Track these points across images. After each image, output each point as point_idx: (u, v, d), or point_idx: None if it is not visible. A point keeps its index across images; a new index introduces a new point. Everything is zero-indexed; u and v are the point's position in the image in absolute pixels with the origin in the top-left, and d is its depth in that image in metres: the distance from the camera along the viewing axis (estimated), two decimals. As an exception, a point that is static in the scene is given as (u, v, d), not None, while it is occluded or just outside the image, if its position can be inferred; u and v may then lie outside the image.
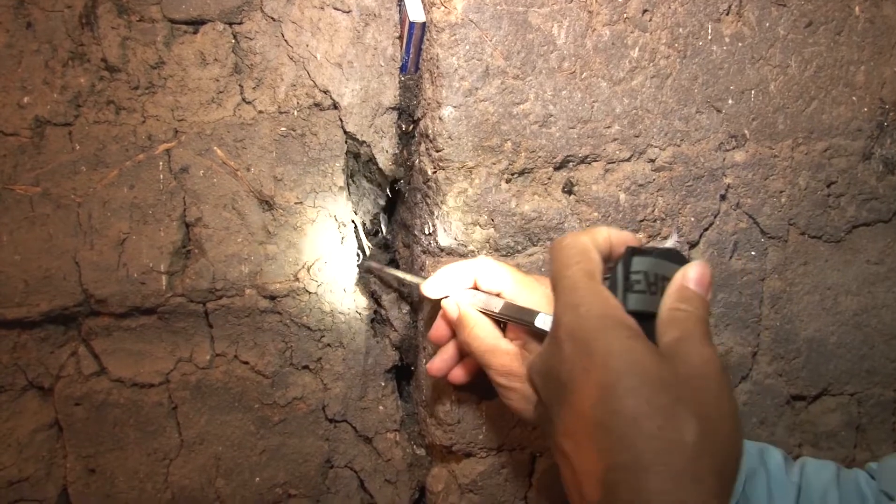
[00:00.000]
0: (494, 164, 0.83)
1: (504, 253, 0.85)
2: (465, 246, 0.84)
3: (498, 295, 0.75)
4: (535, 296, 0.74)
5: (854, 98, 0.94)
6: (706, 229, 0.91)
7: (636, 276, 0.58)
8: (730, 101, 0.90)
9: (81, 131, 0.81)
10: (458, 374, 0.80)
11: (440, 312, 0.78)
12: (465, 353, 0.79)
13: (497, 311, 0.73)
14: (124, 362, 0.84)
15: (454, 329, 0.78)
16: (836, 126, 0.94)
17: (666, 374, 0.50)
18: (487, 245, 0.84)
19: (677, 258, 0.59)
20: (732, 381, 0.94)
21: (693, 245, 0.91)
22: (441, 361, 0.80)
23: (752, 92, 0.90)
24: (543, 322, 0.68)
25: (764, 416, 0.96)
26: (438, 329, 0.80)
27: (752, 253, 0.93)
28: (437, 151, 0.82)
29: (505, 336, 0.75)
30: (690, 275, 0.56)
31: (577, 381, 0.52)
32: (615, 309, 0.55)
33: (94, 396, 0.84)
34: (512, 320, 0.72)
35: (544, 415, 0.58)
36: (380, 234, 0.96)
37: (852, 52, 0.93)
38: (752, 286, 0.94)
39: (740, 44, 0.89)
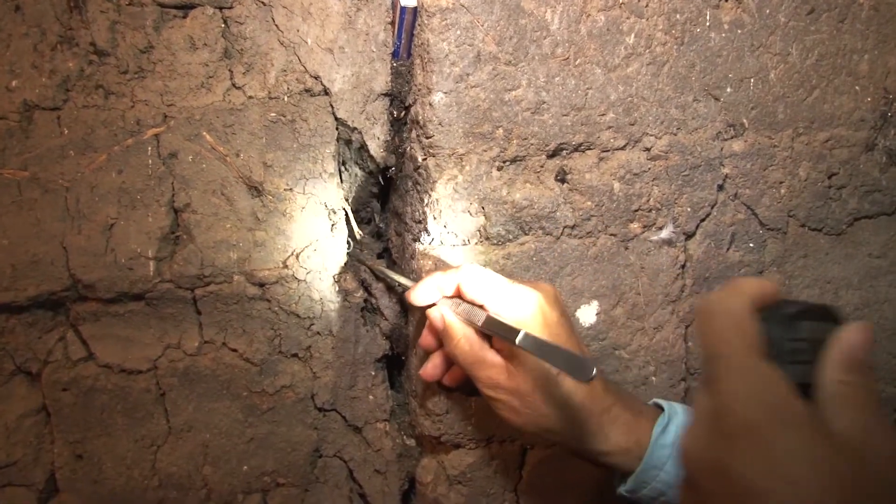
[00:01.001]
0: (485, 151, 0.82)
1: (495, 241, 0.84)
2: (456, 235, 0.83)
3: (481, 307, 0.74)
4: (520, 306, 0.72)
5: (857, 87, 0.92)
6: (703, 220, 0.90)
7: (797, 343, 0.51)
8: (728, 90, 0.88)
9: (70, 115, 0.80)
10: (451, 378, 0.81)
11: (427, 322, 0.78)
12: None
13: (480, 324, 0.72)
14: (112, 348, 0.84)
15: (441, 339, 0.77)
16: (838, 116, 0.92)
17: (858, 479, 0.45)
18: (478, 234, 0.83)
19: (830, 316, 0.53)
20: None
21: (689, 236, 0.90)
22: (433, 367, 0.81)
23: (752, 80, 0.89)
24: (525, 340, 0.67)
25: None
26: (427, 337, 0.80)
27: (751, 245, 0.92)
28: (428, 138, 0.81)
29: (492, 346, 0.74)
30: (854, 340, 0.50)
31: (755, 483, 0.47)
32: (790, 397, 0.49)
33: (82, 382, 0.83)
34: (495, 335, 0.72)
35: (692, 499, 0.53)
36: (373, 223, 0.95)
37: (856, 40, 0.91)
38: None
39: (739, 31, 0.87)
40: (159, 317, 0.84)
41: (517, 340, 0.67)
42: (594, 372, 0.62)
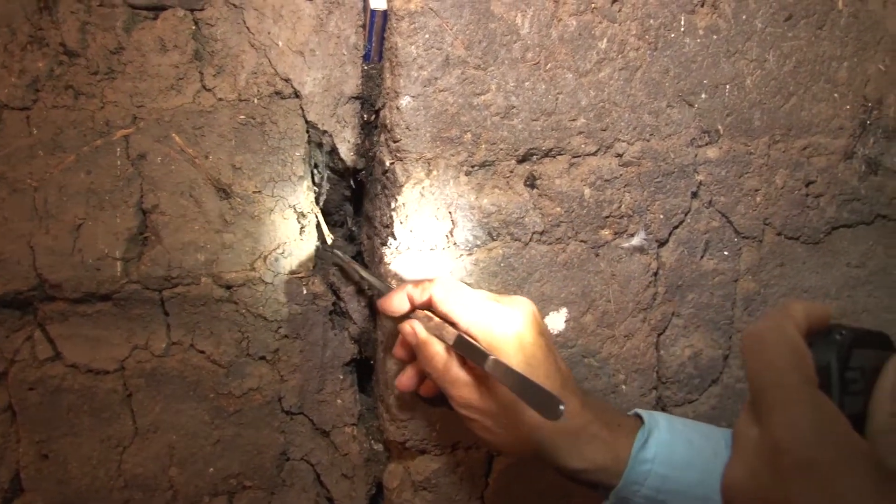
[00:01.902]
0: (453, 155, 0.82)
1: (462, 247, 0.83)
2: (423, 240, 0.82)
3: (453, 324, 0.72)
4: (494, 326, 0.71)
5: (836, 95, 0.91)
6: (676, 227, 0.89)
7: (853, 373, 0.49)
8: (703, 96, 0.87)
9: (39, 116, 0.81)
10: (426, 390, 0.80)
11: (400, 335, 0.78)
12: None
13: (450, 343, 0.71)
14: (80, 348, 0.84)
15: (414, 352, 0.77)
16: (816, 123, 0.91)
17: None
18: (445, 239, 0.83)
19: (885, 343, 0.50)
20: None
21: (662, 243, 0.89)
22: (407, 379, 0.80)
23: (727, 86, 0.88)
24: (494, 368, 0.65)
25: (734, 421, 0.93)
26: (399, 349, 0.80)
27: (725, 253, 0.91)
28: (395, 142, 0.81)
29: (465, 364, 0.73)
30: None
31: None
32: (850, 433, 0.46)
33: (49, 381, 0.83)
34: (464, 355, 0.70)
35: None
36: (345, 226, 0.95)
37: (835, 47, 0.90)
38: (724, 287, 0.91)
39: (715, 36, 0.86)
40: (127, 317, 0.84)
41: (486, 366, 0.66)
42: (561, 409, 0.59)
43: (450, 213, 0.82)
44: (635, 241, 0.87)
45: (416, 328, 0.75)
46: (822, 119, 0.91)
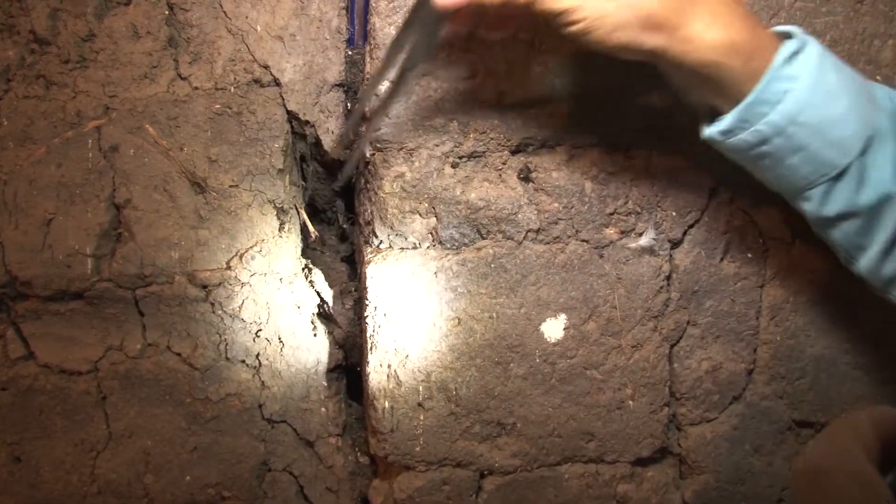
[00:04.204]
0: (437, 145, 0.75)
1: (448, 246, 0.76)
2: (405, 237, 0.76)
3: None
4: None
5: (879, 77, 0.80)
6: (691, 226, 0.80)
7: None
8: (722, 79, 0.77)
9: (10, 106, 0.78)
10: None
11: None
12: None
13: None
14: (53, 347, 0.81)
15: None
16: (855, 109, 0.80)
17: None
18: (430, 236, 0.76)
19: None
20: None
21: (675, 244, 0.80)
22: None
23: (751, 68, 0.78)
24: None
25: (759, 443, 0.83)
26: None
27: (749, 255, 0.81)
28: (375, 131, 0.75)
29: None
30: None
31: None
32: None
33: (21, 381, 0.81)
34: None
35: None
36: (336, 223, 0.89)
37: (877, 23, 0.79)
38: (747, 293, 0.82)
39: (736, 12, 0.77)
40: (101, 317, 0.81)
41: None
42: None
43: (433, 208, 0.75)
44: (644, 241, 0.79)
45: None
46: (864, 104, 0.80)
